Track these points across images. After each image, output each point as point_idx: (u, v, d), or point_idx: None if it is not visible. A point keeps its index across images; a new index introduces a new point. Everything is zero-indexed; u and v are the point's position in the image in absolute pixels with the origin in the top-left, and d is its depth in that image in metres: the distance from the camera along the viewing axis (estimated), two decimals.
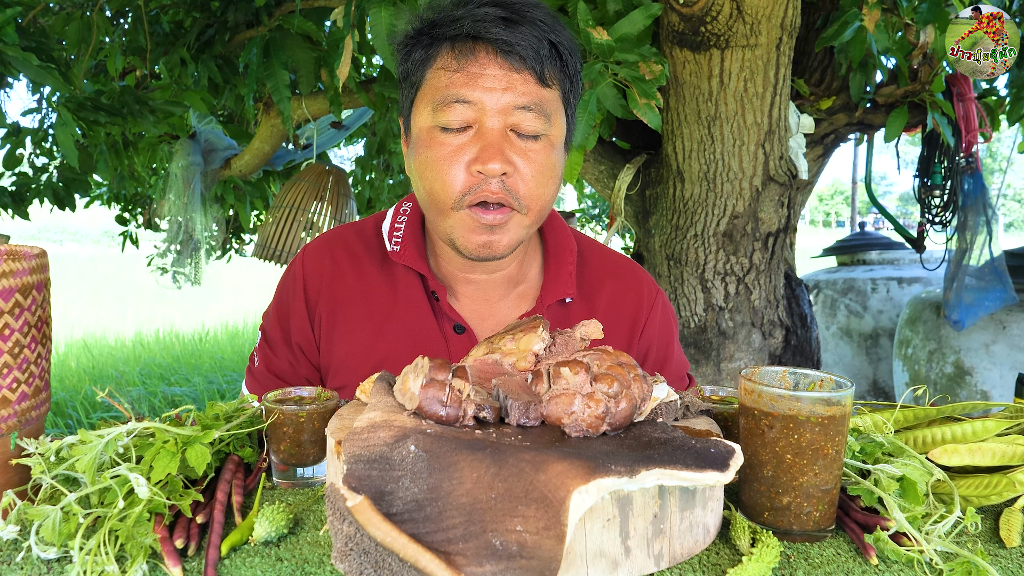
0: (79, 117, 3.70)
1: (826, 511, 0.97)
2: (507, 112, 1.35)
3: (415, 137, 1.44)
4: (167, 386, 7.26)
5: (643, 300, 1.68)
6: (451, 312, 1.54)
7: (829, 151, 3.92)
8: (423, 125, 1.41)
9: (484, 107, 1.35)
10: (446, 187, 1.37)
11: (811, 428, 0.93)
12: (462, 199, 1.37)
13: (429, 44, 1.41)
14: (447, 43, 1.38)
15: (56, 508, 0.89)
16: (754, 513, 0.99)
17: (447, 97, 1.36)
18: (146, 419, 1.05)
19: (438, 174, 1.38)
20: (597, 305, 1.64)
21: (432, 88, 1.40)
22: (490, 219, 1.37)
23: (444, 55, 1.39)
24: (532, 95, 1.36)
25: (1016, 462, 1.07)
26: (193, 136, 4.87)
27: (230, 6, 4.00)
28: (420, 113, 1.42)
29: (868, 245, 6.60)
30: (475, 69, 1.35)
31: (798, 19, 3.00)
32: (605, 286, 1.66)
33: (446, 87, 1.37)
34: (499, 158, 1.33)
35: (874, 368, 5.96)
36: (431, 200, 1.42)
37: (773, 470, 0.96)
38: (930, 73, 3.41)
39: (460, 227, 1.40)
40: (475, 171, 1.35)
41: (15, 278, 0.96)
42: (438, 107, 1.37)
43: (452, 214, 1.39)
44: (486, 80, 1.35)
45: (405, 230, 1.58)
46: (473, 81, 1.35)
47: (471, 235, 1.39)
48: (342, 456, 0.87)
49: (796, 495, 0.95)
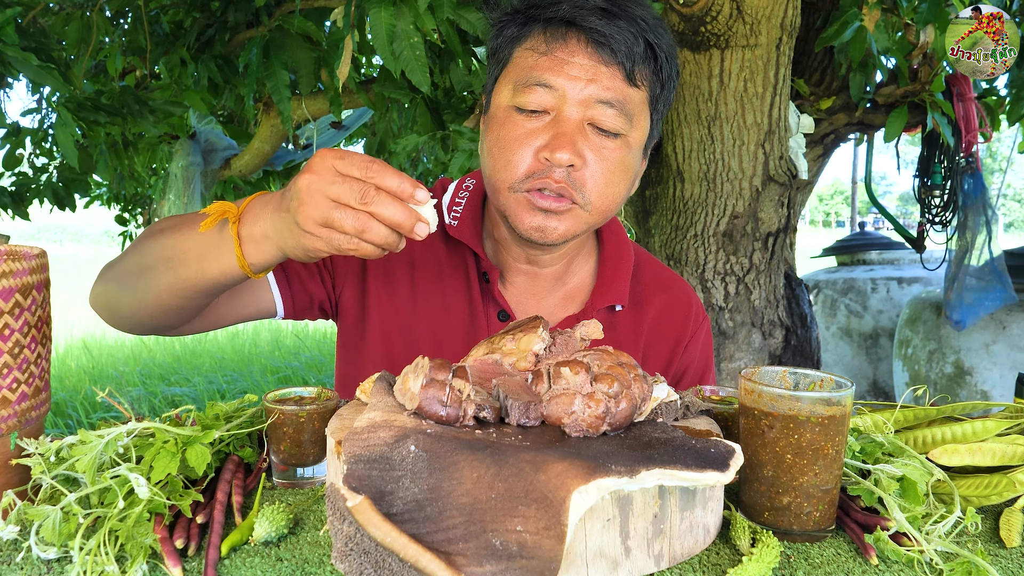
0: (79, 117, 3.70)
1: (826, 511, 0.97)
2: (588, 104, 1.31)
3: (491, 114, 1.41)
4: (167, 386, 7.25)
5: (690, 319, 1.67)
6: (499, 297, 1.52)
7: (829, 151, 3.92)
8: (501, 103, 1.38)
9: (565, 95, 1.31)
10: (509, 166, 1.34)
11: (811, 428, 0.93)
12: (522, 182, 1.34)
13: (523, 23, 1.37)
14: (540, 24, 1.35)
15: (56, 508, 0.89)
16: (754, 513, 0.99)
17: (530, 79, 1.32)
18: (146, 419, 1.05)
19: (504, 152, 1.34)
20: (645, 316, 1.62)
21: (517, 67, 1.36)
22: (546, 204, 1.33)
23: (535, 36, 1.35)
24: (617, 91, 1.32)
25: (1016, 462, 1.08)
26: (193, 136, 4.88)
27: (230, 6, 3.99)
28: (501, 91, 1.39)
29: (868, 245, 6.60)
30: (563, 55, 1.31)
31: (798, 19, 3.00)
32: (656, 299, 1.64)
33: (531, 68, 1.33)
34: (569, 148, 1.30)
35: (874, 368, 5.96)
36: (492, 178, 1.38)
37: (773, 470, 0.96)
38: (930, 73, 3.41)
39: (515, 206, 1.36)
40: (543, 157, 1.31)
41: (15, 278, 0.96)
42: (519, 87, 1.34)
43: (509, 194, 1.36)
44: (572, 68, 1.31)
45: (465, 207, 1.55)
46: (558, 66, 1.31)
47: (525, 215, 1.35)
48: (342, 456, 0.87)
49: (796, 495, 0.95)
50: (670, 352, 1.65)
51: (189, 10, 4.33)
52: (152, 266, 1.29)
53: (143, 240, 1.36)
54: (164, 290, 1.29)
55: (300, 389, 1.20)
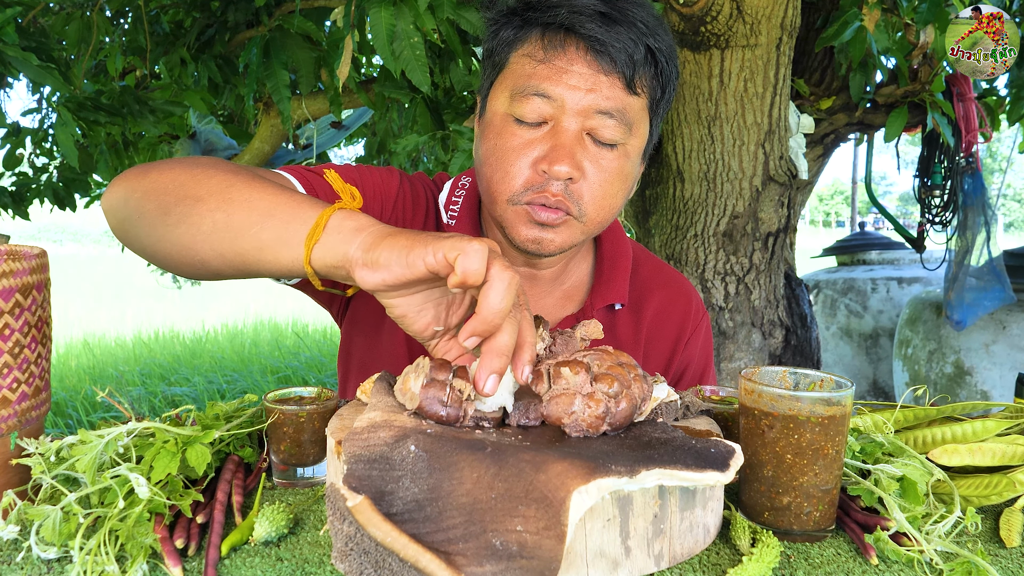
0: (79, 117, 3.70)
1: (826, 511, 0.97)
2: (587, 114, 1.28)
3: (488, 120, 1.38)
4: (167, 386, 7.26)
5: (690, 315, 1.66)
6: None
7: (829, 151, 3.92)
8: (498, 110, 1.35)
9: (564, 105, 1.28)
10: (507, 178, 1.31)
11: (811, 428, 0.93)
12: (521, 195, 1.31)
13: (520, 26, 1.33)
14: (538, 29, 1.31)
15: (56, 508, 0.89)
16: (754, 513, 0.99)
17: (527, 88, 1.29)
18: (146, 419, 1.05)
19: (502, 163, 1.32)
20: (645, 314, 1.61)
21: (514, 74, 1.33)
22: (544, 216, 1.31)
23: (532, 42, 1.31)
24: (616, 101, 1.29)
25: (1016, 462, 1.08)
26: (193, 136, 4.88)
27: (230, 6, 4.00)
28: (497, 97, 1.36)
29: (868, 245, 6.60)
30: (562, 64, 1.28)
31: (798, 19, 3.00)
32: (655, 296, 1.63)
33: (528, 77, 1.30)
34: (568, 161, 1.27)
35: (874, 368, 5.96)
36: (489, 188, 1.36)
37: (773, 470, 0.96)
38: (930, 73, 3.41)
39: (512, 218, 1.34)
40: (541, 170, 1.29)
41: (15, 278, 0.96)
42: (516, 96, 1.30)
43: (507, 207, 1.33)
44: (571, 77, 1.27)
45: (462, 206, 1.53)
46: (557, 76, 1.28)
47: (522, 228, 1.33)
48: (342, 456, 0.87)
49: (796, 495, 0.95)
50: (671, 349, 1.64)
51: (189, 10, 4.34)
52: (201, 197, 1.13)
53: (210, 168, 1.18)
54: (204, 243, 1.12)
55: (300, 389, 1.20)
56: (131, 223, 1.21)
